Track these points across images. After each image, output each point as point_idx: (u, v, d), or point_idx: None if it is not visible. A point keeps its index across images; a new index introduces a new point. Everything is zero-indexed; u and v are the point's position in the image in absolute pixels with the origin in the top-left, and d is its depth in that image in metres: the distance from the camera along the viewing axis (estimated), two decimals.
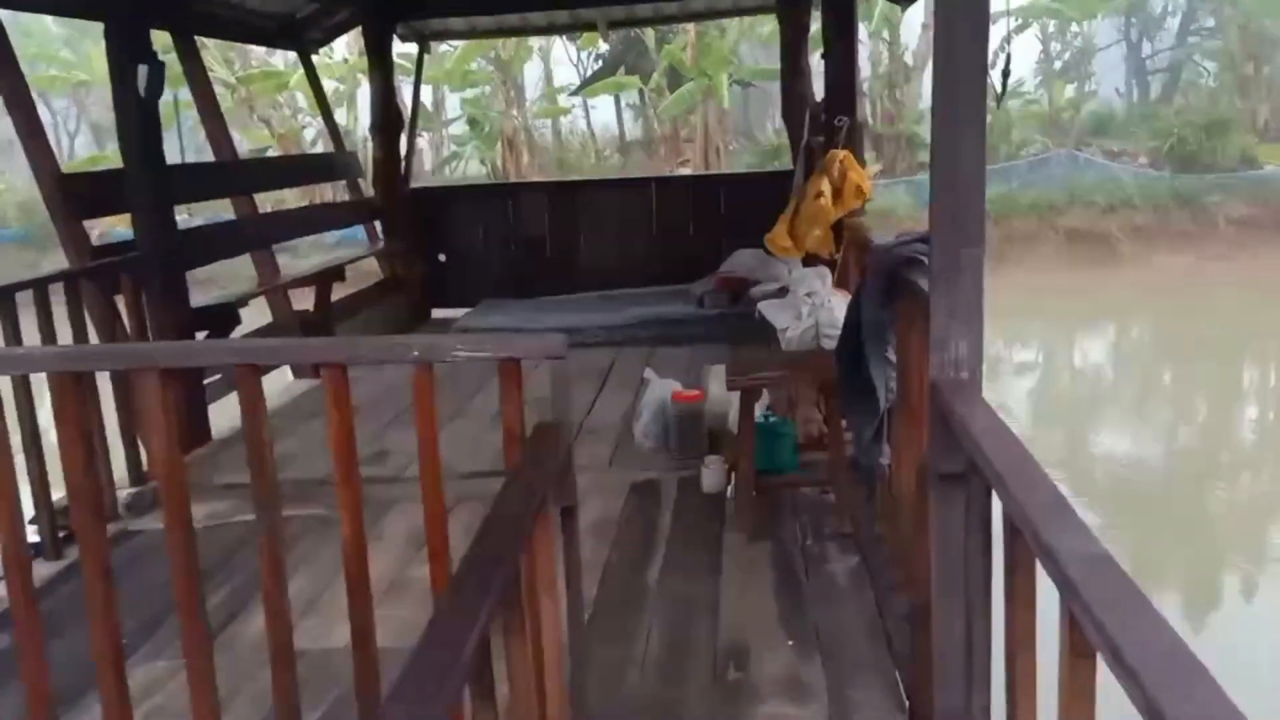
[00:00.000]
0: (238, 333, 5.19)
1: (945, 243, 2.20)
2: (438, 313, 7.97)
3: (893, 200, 14.99)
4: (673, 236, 7.81)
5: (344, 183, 8.16)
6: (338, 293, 7.37)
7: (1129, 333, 13.51)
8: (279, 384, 6.31)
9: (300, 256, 14.52)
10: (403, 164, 7.84)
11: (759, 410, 3.78)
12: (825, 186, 4.32)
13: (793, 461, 3.93)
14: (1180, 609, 5.42)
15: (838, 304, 4.05)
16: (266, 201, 15.08)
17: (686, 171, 17.49)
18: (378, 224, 7.89)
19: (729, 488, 3.81)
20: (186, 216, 15.85)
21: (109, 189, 4.56)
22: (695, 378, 5.12)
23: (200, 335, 4.81)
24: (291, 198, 16.16)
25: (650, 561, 3.38)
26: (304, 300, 6.39)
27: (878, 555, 3.25)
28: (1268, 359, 11.89)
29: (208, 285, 11.04)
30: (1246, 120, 18.30)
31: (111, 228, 13.41)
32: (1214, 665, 1.14)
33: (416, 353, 2.29)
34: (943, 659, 2.22)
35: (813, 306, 4.01)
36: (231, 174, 5.89)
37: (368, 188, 8.06)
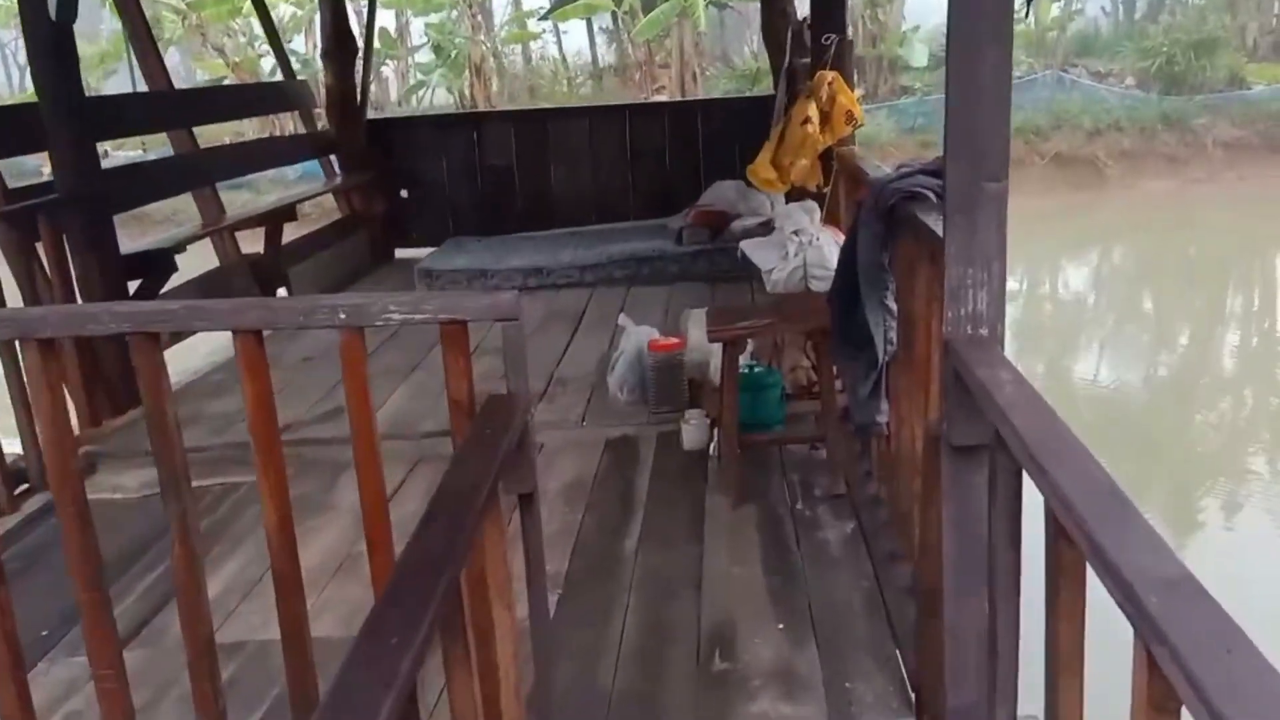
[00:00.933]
0: (175, 281, 4.81)
1: (961, 176, 1.87)
2: (401, 252, 7.57)
3: (874, 127, 14.54)
4: (648, 168, 7.42)
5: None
6: (293, 232, 6.97)
7: (1113, 258, 13.26)
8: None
9: (261, 193, 13.98)
10: (359, 93, 7.36)
11: (742, 360, 3.47)
12: (812, 111, 3.95)
13: (779, 414, 3.63)
14: (1160, 528, 5.28)
15: (827, 242, 3.72)
16: (225, 135, 14.48)
17: (662, 98, 16.91)
18: (333, 158, 7.45)
19: (711, 445, 3.52)
20: (141, 153, 15.20)
21: (23, 124, 4.13)
22: (674, 322, 4.80)
23: (133, 285, 4.43)
24: (253, 132, 15.51)
25: (628, 529, 3.09)
26: (255, 242, 5.98)
27: (874, 519, 2.98)
28: (1252, 283, 11.69)
29: (167, 225, 10.53)
30: (1235, 38, 17.84)
31: None
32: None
33: (344, 315, 1.96)
34: (957, 654, 1.95)
35: (800, 245, 3.68)
36: (163, 106, 5.42)
37: (324, 120, 7.59)
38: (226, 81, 17.68)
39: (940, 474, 2.00)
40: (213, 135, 14.15)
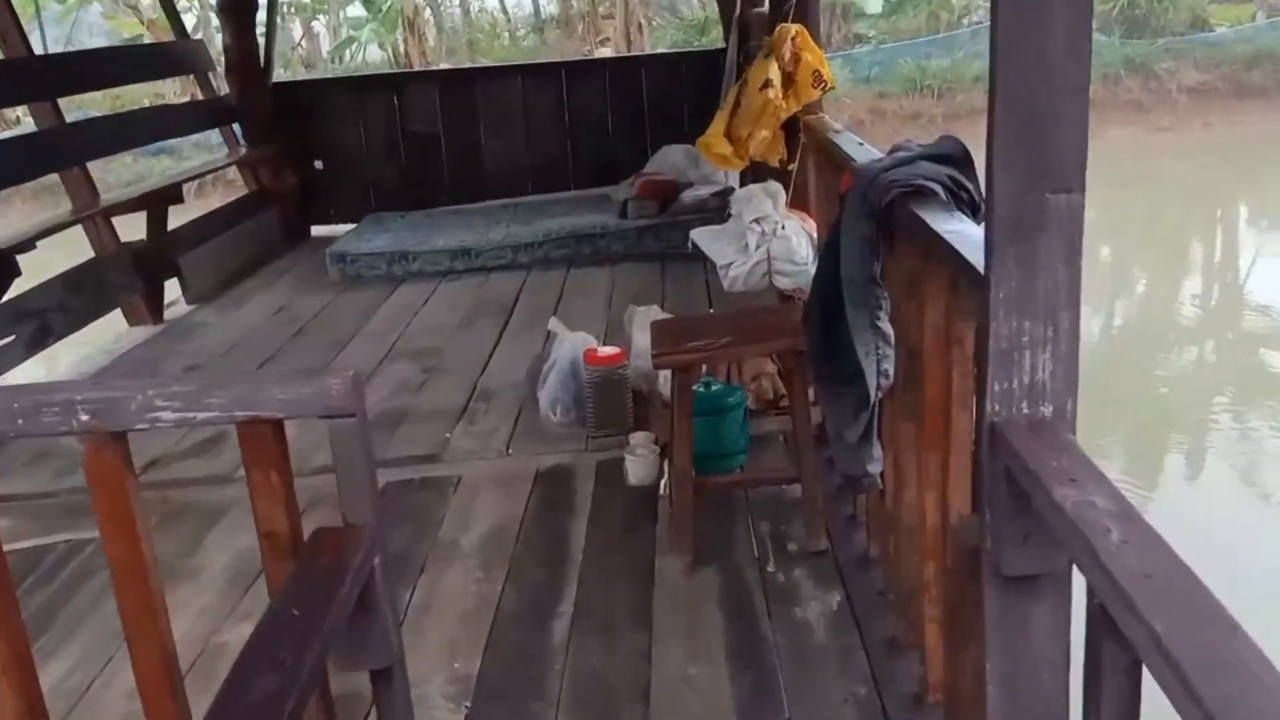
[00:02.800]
0: (35, 278, 4.06)
1: (1015, 185, 1.26)
2: (318, 229, 6.83)
3: None
4: (589, 132, 6.72)
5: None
6: (197, 211, 6.20)
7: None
8: (109, 332, 5.20)
9: (184, 158, 12.99)
10: (262, 54, 6.55)
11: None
12: (773, 73, 3.29)
13: (743, 441, 3.03)
14: (1121, 479, 4.89)
15: (795, 230, 3.10)
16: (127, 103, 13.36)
17: (607, 52, 16.05)
18: (236, 127, 6.64)
19: (662, 482, 2.91)
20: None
21: None
22: (618, 315, 4.16)
23: None
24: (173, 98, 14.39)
25: (558, 605, 2.48)
26: (138, 228, 5.21)
27: (866, 587, 2.40)
28: (1214, 233, 11.31)
29: None
30: None
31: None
32: None
33: (87, 416, 1.27)
34: None
35: (762, 235, 3.05)
36: (17, 75, 4.60)
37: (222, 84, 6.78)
38: (145, 40, 16.49)
39: (979, 602, 1.41)
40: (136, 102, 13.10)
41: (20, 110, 14.06)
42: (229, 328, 4.94)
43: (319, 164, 6.81)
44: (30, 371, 4.47)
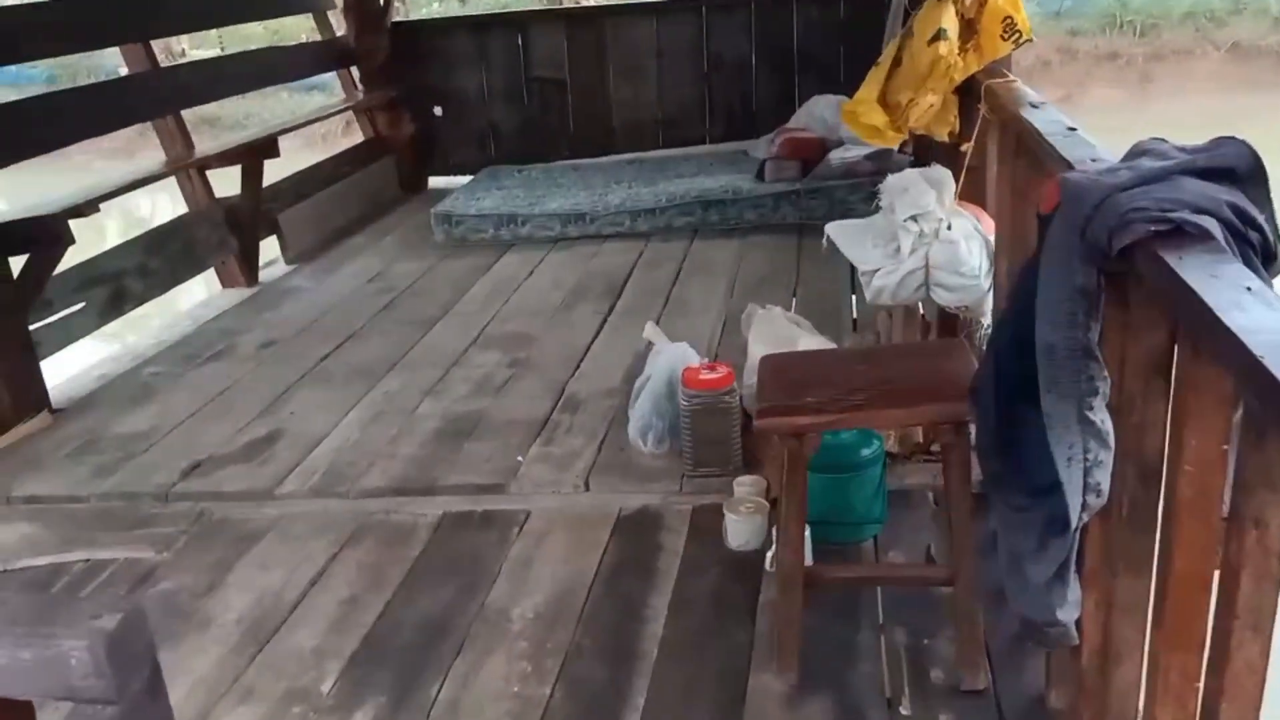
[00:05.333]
0: (72, 258, 3.68)
1: None
2: (435, 180, 6.39)
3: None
4: (729, 79, 6.00)
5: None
6: (305, 159, 5.85)
7: None
8: (201, 296, 4.90)
9: (334, 95, 12.84)
10: None
11: None
12: (948, 20, 2.49)
13: (878, 508, 2.35)
14: None
15: (965, 231, 2.36)
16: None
17: None
18: (354, 71, 6.23)
19: (769, 555, 2.27)
20: (219, 51, 14.18)
21: None
22: (738, 305, 3.50)
23: (19, 260, 3.34)
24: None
25: None
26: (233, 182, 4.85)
27: None
28: None
29: (236, 131, 9.34)
30: None
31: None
32: None
33: None
34: None
35: (919, 236, 2.32)
36: (92, 10, 4.20)
37: (340, 24, 6.37)
38: None
39: None
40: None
41: (186, 42, 14.30)
42: (320, 295, 4.53)
43: (438, 110, 6.34)
44: (109, 336, 4.18)
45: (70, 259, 3.73)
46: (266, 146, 4.73)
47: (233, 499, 2.82)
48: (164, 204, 4.28)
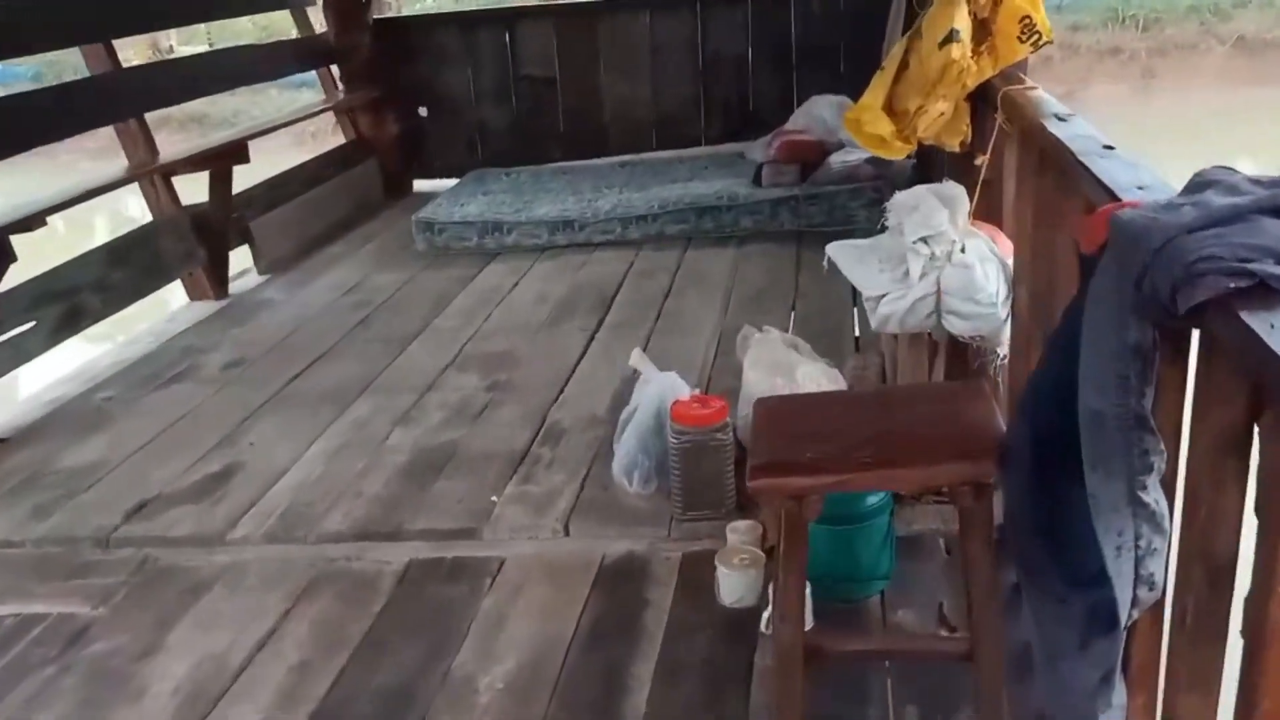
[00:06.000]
0: (14, 276, 3.45)
1: None
2: (420, 184, 6.16)
3: None
4: (725, 78, 5.78)
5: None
6: (294, 158, 5.62)
7: None
8: (167, 309, 4.67)
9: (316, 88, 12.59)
10: None
11: None
12: (960, 20, 2.25)
13: (885, 558, 2.12)
14: None
15: (979, 255, 2.13)
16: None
17: None
18: (334, 69, 6.00)
19: (765, 615, 2.05)
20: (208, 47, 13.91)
21: None
22: (734, 321, 3.27)
23: None
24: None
25: None
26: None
27: None
28: None
29: (224, 128, 9.08)
30: None
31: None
32: None
33: None
34: None
35: (930, 259, 2.09)
36: (67, 8, 3.96)
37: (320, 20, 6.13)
38: None
39: None
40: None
41: (174, 39, 14.05)
42: (292, 308, 4.30)
43: (423, 110, 6.11)
44: (65, 356, 3.95)
45: (33, 269, 3.53)
46: (235, 151, 4.49)
47: (180, 544, 2.59)
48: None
